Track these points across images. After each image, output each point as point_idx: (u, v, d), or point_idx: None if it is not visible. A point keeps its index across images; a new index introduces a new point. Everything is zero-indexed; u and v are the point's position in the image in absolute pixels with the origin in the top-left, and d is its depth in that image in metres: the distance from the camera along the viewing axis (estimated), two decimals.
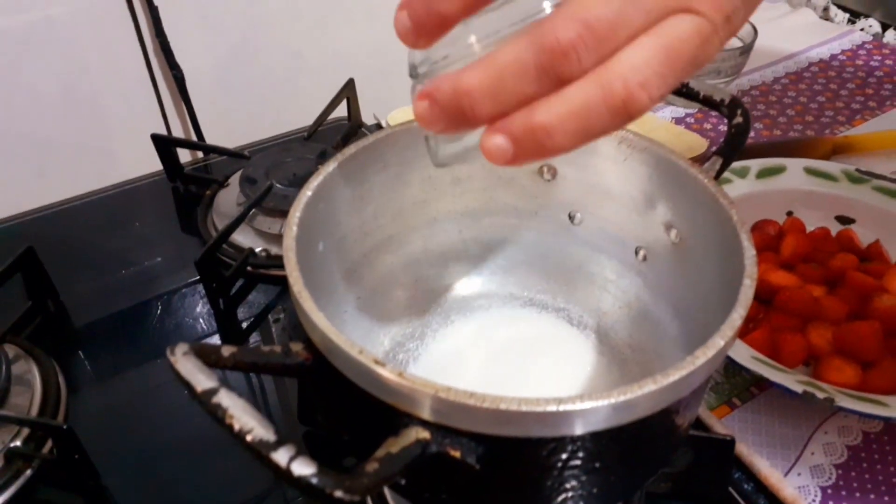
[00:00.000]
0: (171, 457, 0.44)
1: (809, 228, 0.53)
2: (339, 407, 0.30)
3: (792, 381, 0.40)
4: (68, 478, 0.42)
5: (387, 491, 0.39)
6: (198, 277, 0.54)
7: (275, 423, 0.45)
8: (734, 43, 0.70)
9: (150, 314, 0.53)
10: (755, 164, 0.56)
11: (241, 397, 0.23)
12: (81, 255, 0.59)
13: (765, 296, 0.47)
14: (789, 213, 0.55)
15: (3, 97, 0.61)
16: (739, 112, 0.38)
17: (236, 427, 0.22)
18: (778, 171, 0.56)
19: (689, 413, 0.30)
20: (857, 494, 0.39)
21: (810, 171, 0.56)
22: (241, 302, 0.54)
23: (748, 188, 0.55)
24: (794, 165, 0.56)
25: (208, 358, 0.26)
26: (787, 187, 0.56)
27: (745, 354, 0.43)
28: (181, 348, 0.25)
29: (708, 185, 0.34)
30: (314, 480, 0.21)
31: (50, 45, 0.61)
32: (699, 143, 0.65)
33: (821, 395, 0.39)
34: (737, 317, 0.27)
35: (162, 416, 0.46)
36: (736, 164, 0.55)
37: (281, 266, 0.30)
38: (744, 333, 0.45)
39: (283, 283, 0.55)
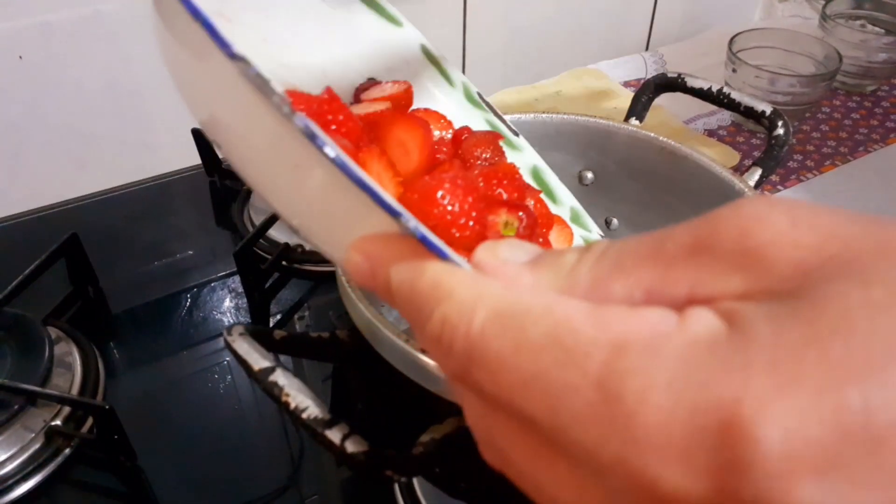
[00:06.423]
0: (203, 442, 0.45)
1: None
2: (382, 395, 0.31)
3: None
4: (106, 457, 0.43)
5: (416, 483, 0.40)
6: (227, 272, 0.56)
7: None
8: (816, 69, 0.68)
9: (179, 306, 0.54)
10: None
11: (296, 377, 0.24)
12: (119, 245, 0.60)
13: None
14: None
15: (50, 90, 0.62)
16: (780, 124, 0.38)
17: (292, 405, 0.23)
18: None
19: None
20: None
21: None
22: (275, 296, 0.55)
23: None
24: None
25: (262, 340, 0.27)
26: None
27: None
28: (238, 329, 0.26)
29: (748, 195, 0.34)
30: (366, 458, 0.22)
31: (96, 39, 0.62)
32: (731, 156, 0.65)
33: None
34: None
35: (193, 403, 0.48)
36: None
37: (314, 261, 0.30)
38: None
39: (315, 278, 0.56)
